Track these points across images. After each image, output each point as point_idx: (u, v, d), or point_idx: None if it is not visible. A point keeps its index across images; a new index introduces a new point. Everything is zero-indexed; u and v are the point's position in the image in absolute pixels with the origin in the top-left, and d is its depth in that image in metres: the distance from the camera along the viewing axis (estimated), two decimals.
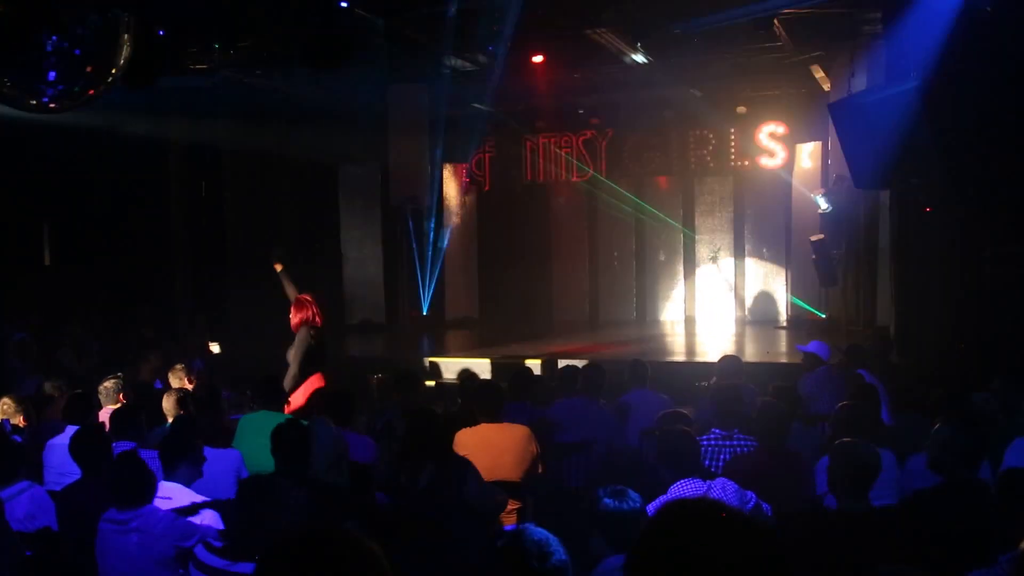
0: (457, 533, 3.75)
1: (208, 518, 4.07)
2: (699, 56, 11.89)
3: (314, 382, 7.62)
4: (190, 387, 6.84)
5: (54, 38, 6.40)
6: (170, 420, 5.73)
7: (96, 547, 3.92)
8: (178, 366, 7.25)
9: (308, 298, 7.86)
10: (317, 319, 7.76)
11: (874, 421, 5.35)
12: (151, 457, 4.57)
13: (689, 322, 15.49)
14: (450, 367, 10.74)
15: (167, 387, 6.97)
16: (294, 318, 7.78)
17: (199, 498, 4.27)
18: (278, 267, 8.00)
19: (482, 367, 10.29)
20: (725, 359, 7.44)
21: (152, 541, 3.80)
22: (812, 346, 7.66)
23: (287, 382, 7.38)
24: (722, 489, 3.94)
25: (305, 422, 5.13)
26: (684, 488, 4.00)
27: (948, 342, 8.57)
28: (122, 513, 3.87)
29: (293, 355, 7.61)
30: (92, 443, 4.69)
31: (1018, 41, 7.36)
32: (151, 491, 3.99)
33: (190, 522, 3.98)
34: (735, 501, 3.89)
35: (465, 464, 4.47)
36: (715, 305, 15.59)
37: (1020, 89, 7.57)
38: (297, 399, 7.42)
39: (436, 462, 4.26)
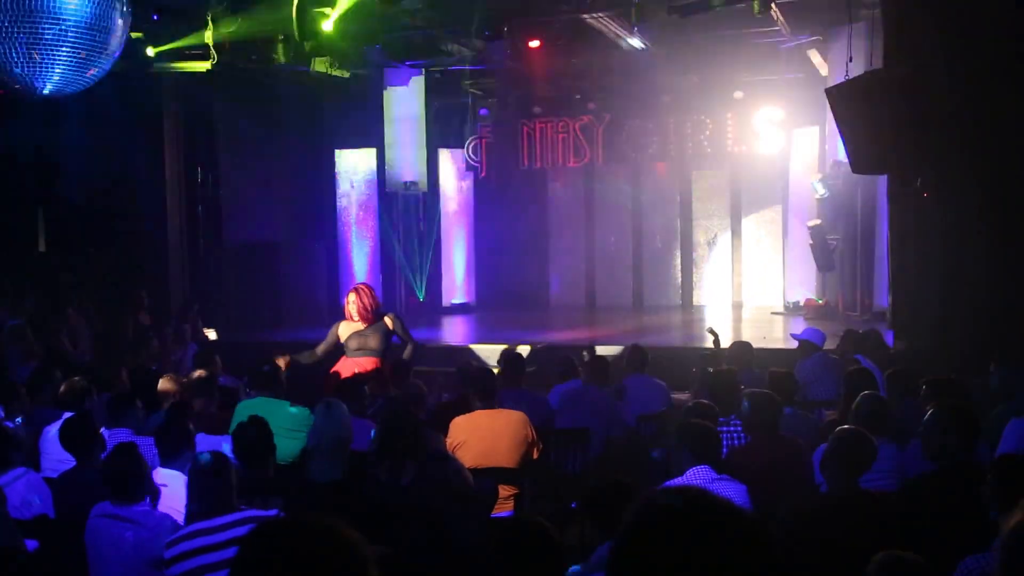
0: (448, 518, 3.72)
1: None
2: (696, 41, 11.84)
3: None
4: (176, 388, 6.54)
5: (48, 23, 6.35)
6: (165, 406, 5.71)
7: (86, 539, 3.88)
8: (167, 376, 6.55)
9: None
10: None
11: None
12: (147, 444, 4.56)
13: (686, 308, 15.48)
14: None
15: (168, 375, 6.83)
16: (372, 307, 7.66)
17: None
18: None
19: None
20: (736, 345, 7.46)
21: (147, 541, 3.74)
22: (806, 333, 7.68)
23: (413, 359, 7.40)
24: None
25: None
26: (695, 476, 3.99)
27: (946, 327, 8.57)
28: (117, 508, 3.81)
29: (408, 337, 7.63)
30: (81, 431, 4.67)
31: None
32: (146, 486, 3.93)
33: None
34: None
35: (448, 461, 4.44)
36: (712, 291, 15.58)
37: (1017, 71, 7.55)
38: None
39: (416, 461, 4.21)
